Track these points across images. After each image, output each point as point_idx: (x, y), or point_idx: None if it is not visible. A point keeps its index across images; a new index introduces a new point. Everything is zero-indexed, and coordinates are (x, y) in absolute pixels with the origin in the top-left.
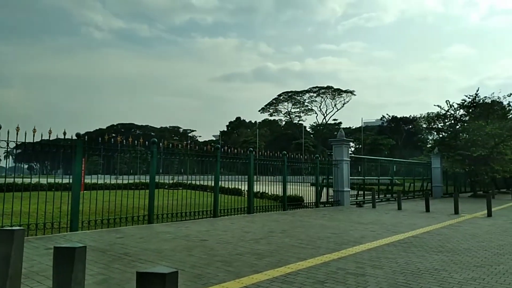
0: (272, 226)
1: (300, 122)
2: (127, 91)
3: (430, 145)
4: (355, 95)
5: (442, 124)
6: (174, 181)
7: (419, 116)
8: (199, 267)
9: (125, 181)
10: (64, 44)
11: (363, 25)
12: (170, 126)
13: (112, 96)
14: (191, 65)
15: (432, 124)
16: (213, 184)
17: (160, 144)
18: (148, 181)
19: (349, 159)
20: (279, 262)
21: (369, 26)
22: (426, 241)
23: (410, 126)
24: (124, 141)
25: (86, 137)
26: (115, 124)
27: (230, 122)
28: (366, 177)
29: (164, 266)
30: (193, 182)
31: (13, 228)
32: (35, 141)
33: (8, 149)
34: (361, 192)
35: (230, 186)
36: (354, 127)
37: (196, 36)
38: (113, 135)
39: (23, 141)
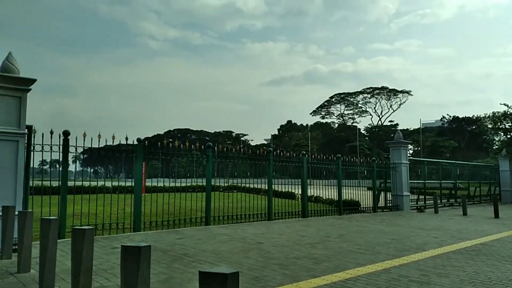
0: (328, 230)
1: (354, 124)
2: (182, 98)
3: (497, 147)
4: (411, 95)
5: (510, 124)
6: (228, 184)
7: (483, 116)
8: (256, 270)
9: (183, 184)
10: (122, 54)
11: (418, 22)
12: (223, 131)
13: (168, 103)
14: (242, 70)
15: (499, 124)
16: (266, 187)
17: (216, 148)
18: (205, 184)
19: (407, 162)
20: (337, 268)
21: (425, 23)
22: (496, 249)
23: (474, 127)
24: (182, 145)
25: (146, 142)
26: (171, 129)
27: (281, 126)
28: (426, 181)
29: (225, 267)
30: (247, 185)
31: (84, 227)
32: (99, 146)
33: (76, 154)
34: (421, 197)
35: (283, 190)
36: (411, 129)
37: (247, 42)
38: (170, 140)
39: (89, 146)
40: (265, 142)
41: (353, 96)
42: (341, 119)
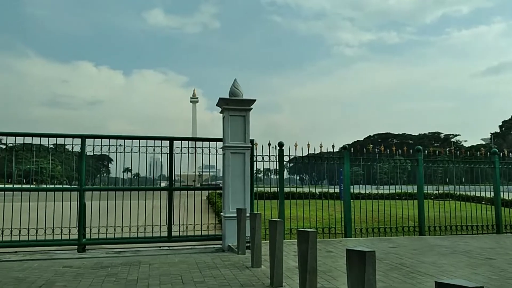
0: None
1: None
2: (382, 101)
3: None
4: None
5: None
6: (440, 191)
7: None
8: None
9: (386, 191)
10: (320, 67)
11: None
12: (429, 132)
13: (367, 108)
14: (448, 63)
15: None
16: (487, 195)
17: (425, 151)
18: (411, 191)
19: None
20: None
21: None
22: None
23: None
24: (388, 150)
25: (352, 148)
26: (371, 135)
27: (504, 122)
28: None
29: (465, 280)
30: (464, 192)
31: (307, 230)
32: (308, 155)
33: (293, 162)
34: None
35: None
36: None
37: (452, 31)
38: (371, 145)
39: (299, 155)
40: (483, 142)
41: None
42: None
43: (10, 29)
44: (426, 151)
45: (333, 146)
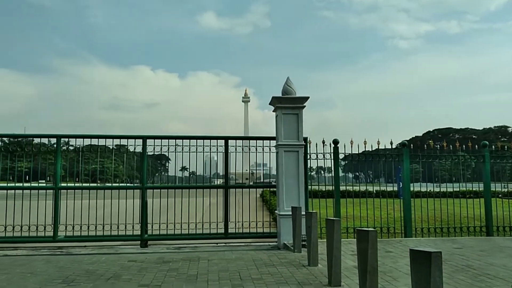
0: None
1: None
2: (441, 95)
3: None
4: None
5: None
6: (508, 189)
7: None
8: None
9: (447, 189)
10: (374, 61)
11: None
12: (495, 126)
13: (425, 102)
14: None
15: None
16: None
17: (492, 146)
18: (476, 189)
19: None
20: None
21: None
22: None
23: None
24: (451, 146)
25: (411, 145)
26: (430, 130)
27: None
28: None
29: None
30: None
31: (367, 229)
32: (359, 152)
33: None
34: None
35: None
36: None
37: None
38: (430, 141)
39: (356, 153)
40: None
41: None
42: None
43: (76, 39)
44: (493, 146)
45: (391, 143)
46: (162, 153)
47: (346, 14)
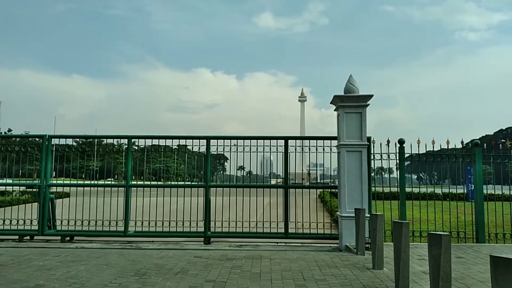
0: None
1: None
2: None
3: None
4: None
5: None
6: None
7: None
8: None
9: None
10: (439, 55)
11: None
12: None
13: (496, 98)
14: None
15: None
16: None
17: None
18: None
19: None
20: None
21: None
22: None
23: None
24: None
25: (485, 144)
26: (503, 128)
27: None
28: None
29: None
30: None
31: (440, 233)
32: (426, 152)
33: (414, 159)
34: None
35: None
36: None
37: None
38: (502, 140)
39: (423, 152)
40: None
41: None
42: None
43: (142, 45)
44: None
45: (462, 142)
46: (222, 152)
47: (408, 8)
